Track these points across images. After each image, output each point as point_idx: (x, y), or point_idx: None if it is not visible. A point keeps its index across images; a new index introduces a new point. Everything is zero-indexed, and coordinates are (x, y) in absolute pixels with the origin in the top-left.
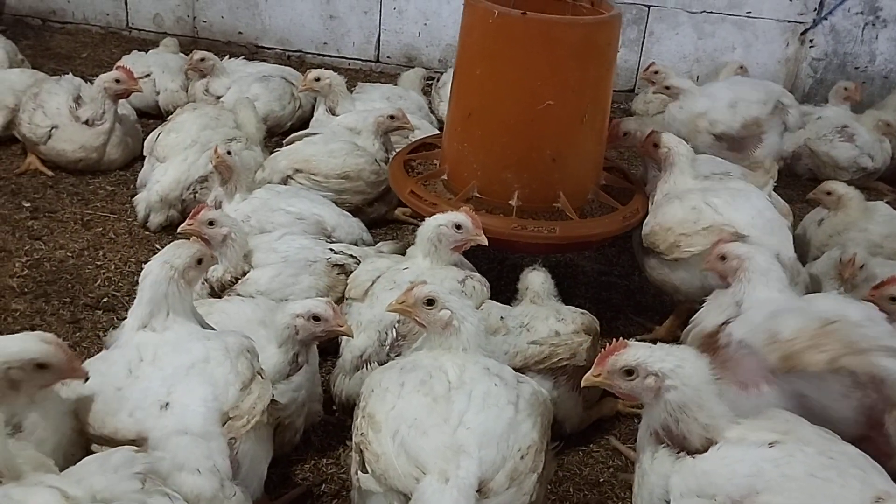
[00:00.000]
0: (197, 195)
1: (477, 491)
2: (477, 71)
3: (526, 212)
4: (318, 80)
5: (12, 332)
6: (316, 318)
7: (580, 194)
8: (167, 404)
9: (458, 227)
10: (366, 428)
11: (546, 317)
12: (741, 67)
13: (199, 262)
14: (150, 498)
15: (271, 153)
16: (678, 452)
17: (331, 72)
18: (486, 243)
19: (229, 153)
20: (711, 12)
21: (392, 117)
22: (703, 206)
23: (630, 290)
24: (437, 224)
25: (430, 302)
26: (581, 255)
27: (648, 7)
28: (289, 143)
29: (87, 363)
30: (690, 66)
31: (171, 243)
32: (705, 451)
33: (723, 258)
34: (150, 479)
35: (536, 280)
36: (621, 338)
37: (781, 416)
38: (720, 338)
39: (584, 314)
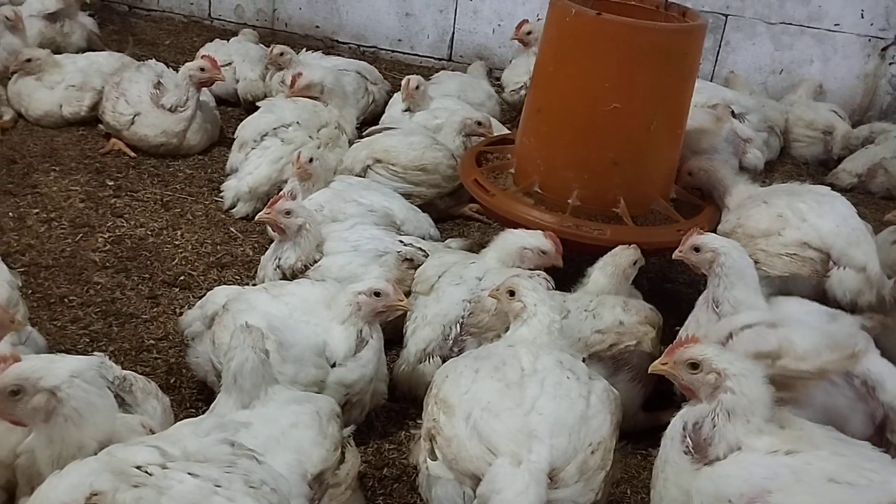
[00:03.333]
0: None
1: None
2: (550, 68)
3: (583, 212)
4: (417, 88)
5: (94, 304)
6: (377, 294)
7: (642, 202)
8: None
9: (543, 252)
10: (438, 413)
11: (613, 305)
12: (819, 86)
13: None
14: (238, 459)
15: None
16: (697, 463)
17: (421, 77)
18: (561, 265)
19: (311, 160)
20: (791, 24)
21: (479, 123)
22: (788, 213)
23: (694, 299)
24: (522, 246)
25: (512, 292)
26: (647, 261)
27: (726, 16)
28: (368, 135)
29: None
30: (766, 78)
31: (246, 329)
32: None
33: (696, 249)
34: (238, 444)
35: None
36: None
37: (798, 423)
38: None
39: (651, 308)
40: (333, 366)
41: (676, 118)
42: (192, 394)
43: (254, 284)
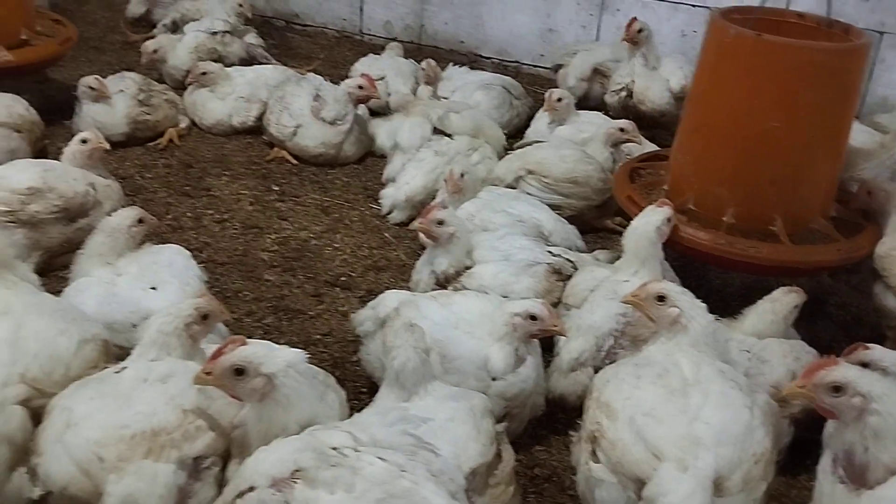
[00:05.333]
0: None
1: None
2: (707, 86)
3: (738, 230)
4: (559, 100)
5: (265, 299)
6: (532, 318)
7: (800, 221)
8: None
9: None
10: (601, 417)
11: (784, 354)
12: None
13: None
14: (420, 450)
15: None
16: (857, 490)
17: (567, 92)
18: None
19: (462, 175)
20: None
21: (622, 130)
22: None
23: (845, 322)
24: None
25: (661, 298)
26: (796, 282)
27: (881, 33)
28: (518, 148)
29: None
30: None
31: (408, 328)
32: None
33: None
34: (418, 436)
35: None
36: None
37: None
38: None
39: (814, 355)
40: (494, 379)
41: (837, 137)
42: (356, 387)
43: (408, 288)
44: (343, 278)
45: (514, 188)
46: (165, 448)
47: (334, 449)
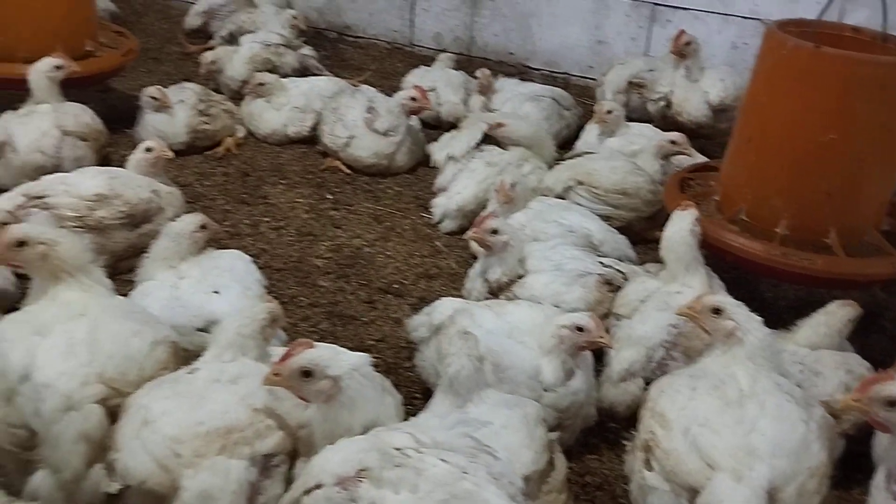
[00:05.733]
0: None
1: None
2: (763, 98)
3: (791, 241)
4: (609, 112)
5: (320, 305)
6: (579, 329)
7: (854, 233)
8: None
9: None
10: (655, 426)
11: (836, 366)
12: None
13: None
14: (480, 453)
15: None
16: None
17: (617, 104)
18: None
19: (514, 186)
20: None
21: (673, 142)
22: None
23: None
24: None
25: (717, 311)
26: (849, 295)
27: None
28: (569, 159)
29: None
30: None
31: (462, 336)
32: None
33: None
34: (478, 439)
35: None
36: None
37: None
38: None
39: (868, 368)
40: (546, 390)
41: (892, 151)
42: (409, 392)
43: (460, 296)
44: (395, 285)
45: (563, 198)
46: (238, 445)
47: (397, 450)
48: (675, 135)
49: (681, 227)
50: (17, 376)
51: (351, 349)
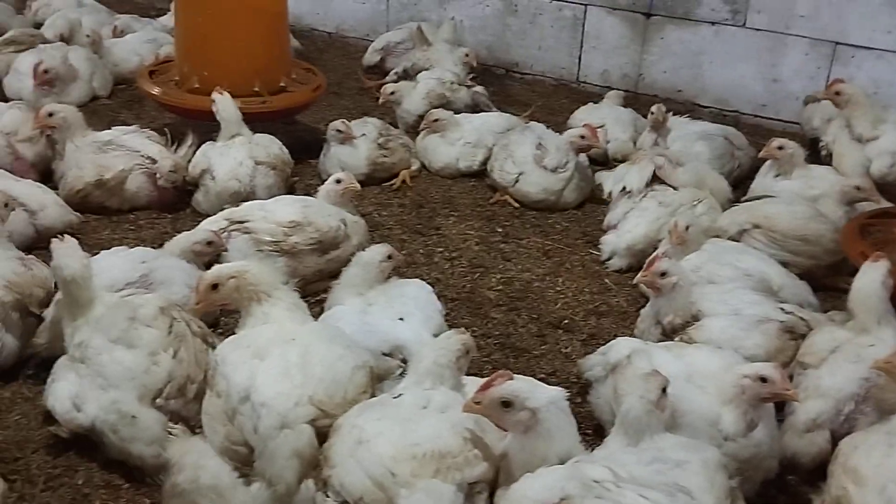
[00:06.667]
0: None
1: None
2: None
3: None
4: (781, 148)
5: (492, 336)
6: (763, 380)
7: None
8: None
9: None
10: (847, 482)
11: None
12: None
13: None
14: (678, 493)
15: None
16: None
17: (793, 142)
18: None
19: (688, 228)
20: None
21: (858, 188)
22: None
23: None
24: None
25: None
26: None
27: None
28: (746, 201)
29: None
30: None
31: (642, 376)
32: None
33: None
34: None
35: None
36: None
37: None
38: None
39: None
40: (726, 439)
41: None
42: (581, 429)
43: (630, 334)
44: (566, 321)
45: (736, 241)
46: (451, 470)
47: (596, 482)
48: (860, 180)
49: (872, 279)
50: (239, 397)
51: None
